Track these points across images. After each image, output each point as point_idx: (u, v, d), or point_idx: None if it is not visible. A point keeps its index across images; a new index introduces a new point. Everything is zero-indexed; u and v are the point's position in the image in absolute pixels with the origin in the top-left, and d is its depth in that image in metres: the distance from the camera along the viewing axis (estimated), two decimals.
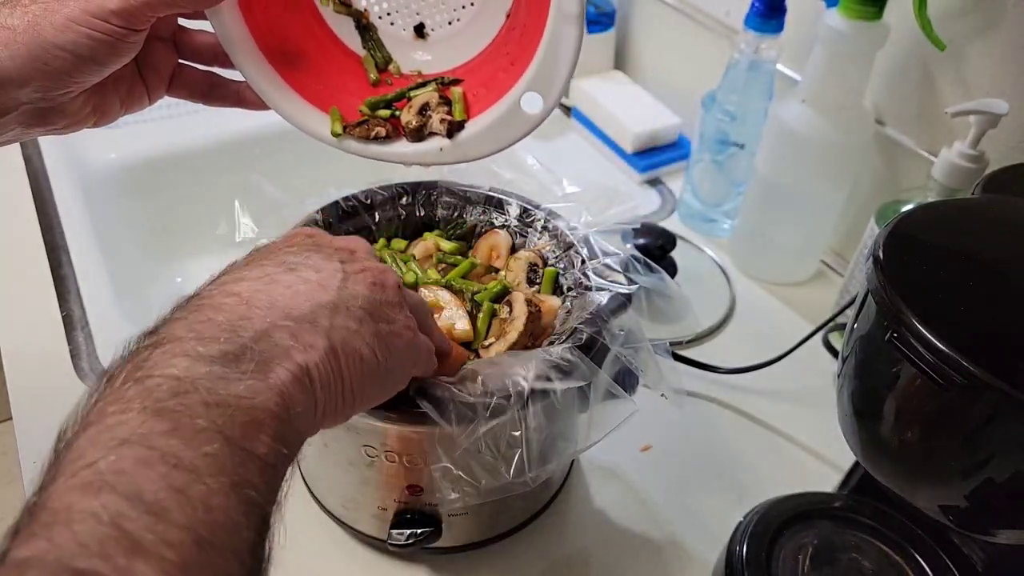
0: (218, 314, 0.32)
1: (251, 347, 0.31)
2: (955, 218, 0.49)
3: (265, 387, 0.30)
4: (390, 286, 0.39)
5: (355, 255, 0.39)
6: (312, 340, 0.33)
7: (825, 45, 0.69)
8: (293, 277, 0.35)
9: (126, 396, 0.28)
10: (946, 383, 0.39)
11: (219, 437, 0.27)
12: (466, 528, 0.55)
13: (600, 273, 0.54)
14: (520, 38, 0.51)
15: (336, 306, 0.35)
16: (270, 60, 0.53)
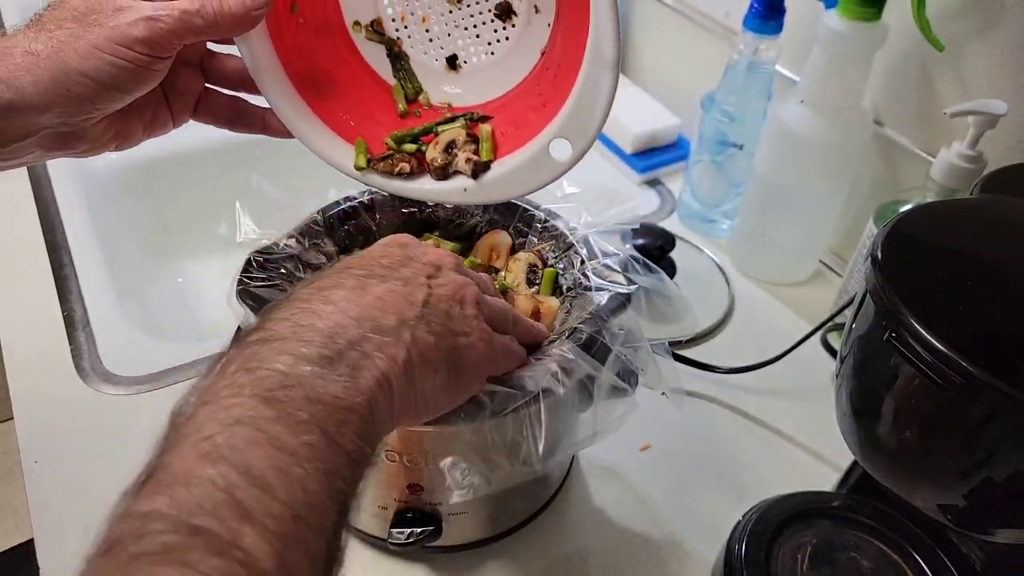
0: (319, 320, 0.35)
1: (345, 353, 0.34)
2: (954, 218, 0.49)
3: (355, 390, 0.33)
4: (469, 301, 0.42)
5: (441, 270, 0.42)
6: (395, 352, 0.36)
7: (824, 46, 0.69)
8: (383, 290, 0.38)
9: (238, 382, 0.31)
10: (944, 383, 0.39)
11: (316, 429, 0.31)
12: (466, 527, 0.56)
13: (599, 273, 0.54)
14: (553, 79, 0.50)
15: (418, 321, 0.38)
16: (297, 86, 0.52)
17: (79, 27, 0.42)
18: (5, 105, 0.42)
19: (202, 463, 0.28)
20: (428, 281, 0.40)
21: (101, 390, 0.67)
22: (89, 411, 0.65)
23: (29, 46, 0.42)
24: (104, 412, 0.65)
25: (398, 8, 0.53)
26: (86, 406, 0.65)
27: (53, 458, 0.61)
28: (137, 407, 0.65)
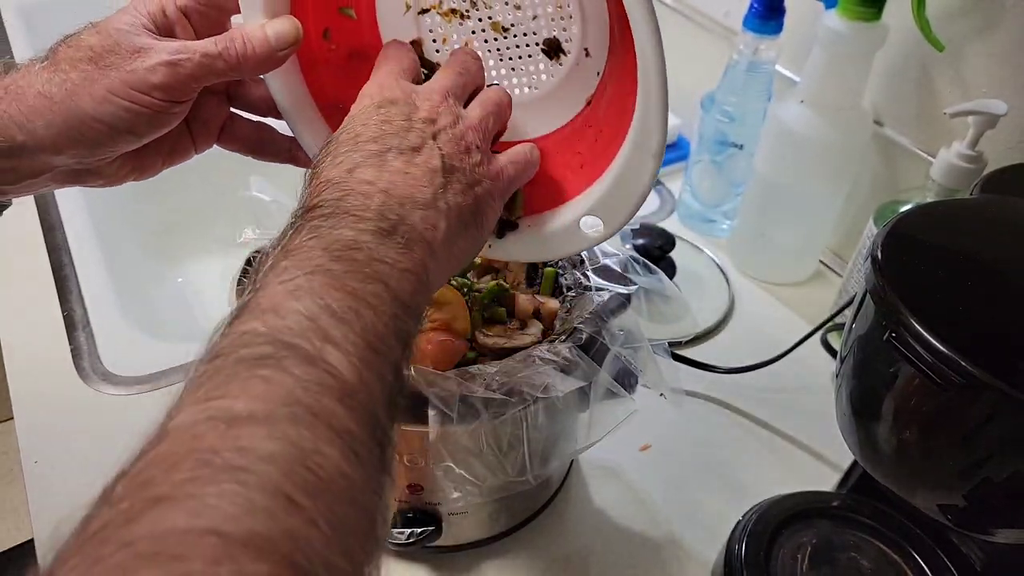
0: (366, 199, 0.37)
1: (397, 228, 0.37)
2: (953, 218, 0.49)
3: (410, 257, 0.37)
4: (473, 147, 0.43)
5: (437, 122, 0.42)
6: (436, 222, 0.39)
7: (824, 46, 0.69)
8: (403, 163, 0.40)
9: (308, 244, 0.35)
10: (944, 383, 0.39)
11: (381, 283, 0.34)
12: (466, 527, 0.56)
13: (599, 273, 0.54)
14: (594, 142, 0.49)
15: (445, 186, 0.40)
16: (326, 115, 0.50)
17: (95, 69, 0.41)
18: (18, 147, 0.42)
19: (288, 298, 0.32)
20: (435, 143, 0.41)
21: (101, 390, 0.67)
22: (89, 411, 0.65)
23: (43, 87, 0.41)
24: (104, 412, 0.65)
25: (440, 31, 0.50)
26: (86, 406, 0.65)
27: (53, 458, 0.61)
28: (137, 407, 0.65)
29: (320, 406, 0.28)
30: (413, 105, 0.43)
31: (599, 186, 0.46)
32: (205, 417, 0.27)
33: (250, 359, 0.29)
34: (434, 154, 0.41)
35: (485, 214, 0.43)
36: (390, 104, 0.42)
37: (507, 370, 0.46)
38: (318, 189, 0.38)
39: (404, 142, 0.41)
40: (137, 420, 0.30)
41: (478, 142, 0.43)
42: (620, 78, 0.46)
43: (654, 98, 0.41)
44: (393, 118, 0.42)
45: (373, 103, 0.43)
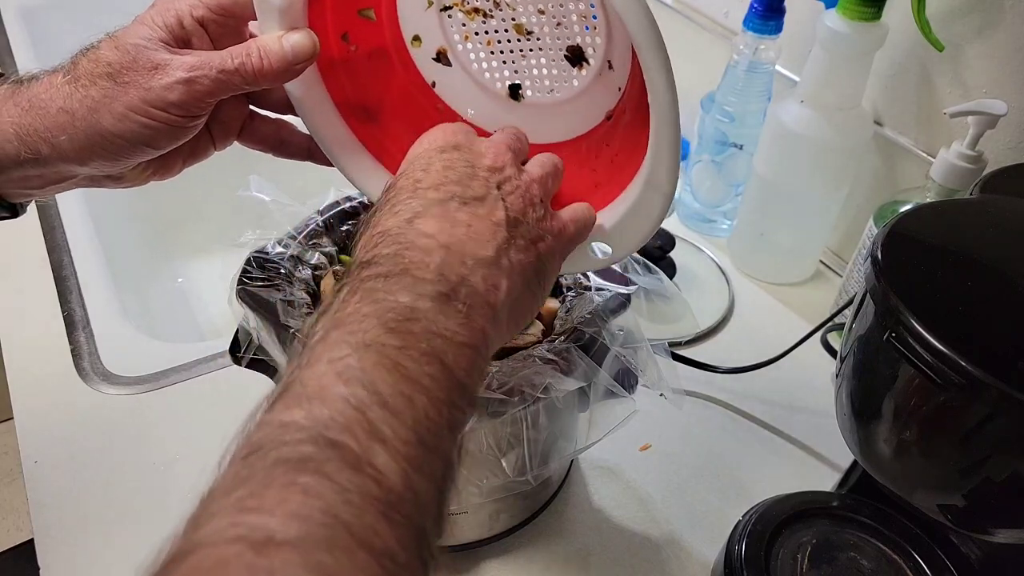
0: (426, 255, 0.35)
1: (458, 290, 0.35)
2: (953, 218, 0.49)
3: (470, 327, 0.34)
4: (537, 201, 0.41)
5: (503, 172, 0.41)
6: (498, 281, 0.37)
7: (824, 46, 0.69)
8: (467, 215, 0.38)
9: (362, 312, 0.33)
10: (944, 383, 0.39)
11: (437, 361, 0.32)
12: (466, 527, 0.56)
13: (599, 273, 0.54)
14: (610, 163, 0.49)
15: (508, 241, 0.38)
16: (345, 116, 0.50)
17: (114, 86, 0.42)
18: (44, 158, 0.43)
19: (336, 381, 0.29)
20: (500, 193, 0.40)
21: (101, 390, 0.67)
22: (89, 411, 0.65)
23: (64, 103, 0.42)
24: (104, 412, 0.65)
25: (463, 28, 0.49)
26: (86, 406, 0.65)
27: (53, 458, 0.61)
28: (137, 407, 0.65)
29: (361, 524, 0.26)
30: (477, 152, 0.41)
31: (610, 214, 0.47)
32: (234, 536, 0.25)
33: (290, 461, 0.27)
34: (499, 205, 0.39)
35: (547, 272, 0.41)
36: (453, 149, 0.41)
37: (507, 370, 0.46)
38: (374, 241, 0.36)
39: (468, 191, 0.39)
40: (137, 420, 0.30)
41: (541, 196, 0.42)
42: (639, 106, 0.45)
43: (665, 143, 0.42)
44: (456, 164, 0.40)
45: (435, 147, 0.42)
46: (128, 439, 0.63)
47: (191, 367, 0.69)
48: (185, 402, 0.66)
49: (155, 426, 0.64)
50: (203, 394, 0.67)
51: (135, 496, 0.60)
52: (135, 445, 0.63)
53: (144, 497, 0.60)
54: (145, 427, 0.64)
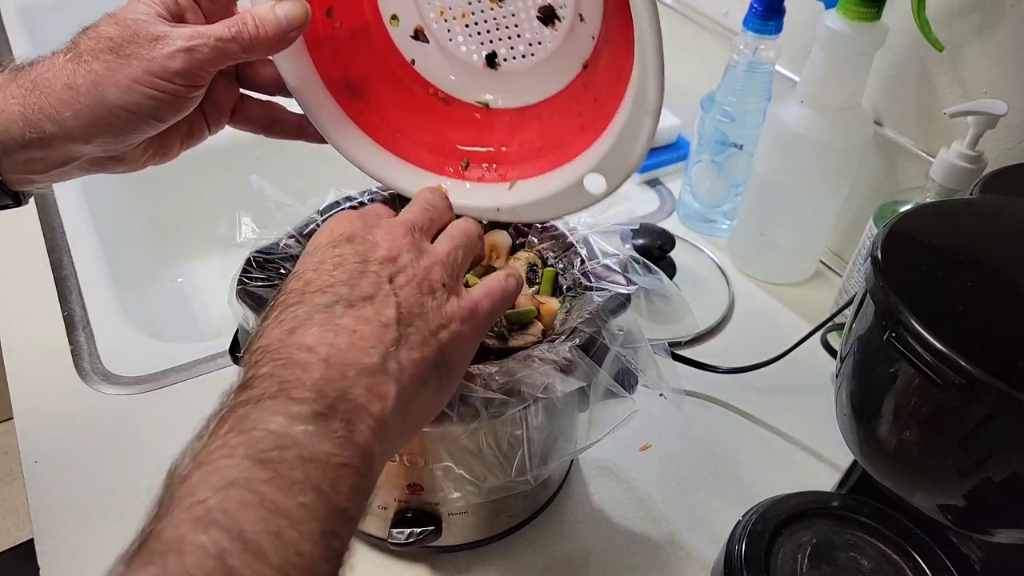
0: (303, 372, 0.34)
1: (337, 407, 0.33)
2: (953, 218, 0.49)
3: (350, 444, 0.33)
4: (437, 287, 0.40)
5: (398, 261, 0.40)
6: (385, 389, 0.35)
7: (824, 46, 0.69)
8: (351, 319, 0.37)
9: (231, 443, 0.31)
10: (944, 383, 0.39)
11: (311, 489, 0.30)
12: (466, 527, 0.56)
13: (599, 274, 0.54)
14: (593, 103, 0.50)
15: (399, 341, 0.37)
16: (333, 92, 0.52)
17: (116, 59, 0.42)
18: (49, 137, 0.43)
19: (194, 529, 0.28)
20: (392, 287, 0.38)
21: (101, 390, 0.67)
22: (89, 411, 0.65)
23: (68, 79, 0.42)
24: (104, 412, 0.65)
25: (436, 4, 0.51)
26: (86, 406, 0.65)
27: (53, 458, 0.61)
28: (137, 407, 0.65)
29: None
30: (371, 243, 0.40)
31: (599, 145, 0.47)
32: None
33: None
34: (388, 303, 0.38)
35: (451, 363, 0.39)
36: (346, 242, 0.40)
37: (507, 370, 0.46)
38: (254, 358, 0.35)
39: (355, 291, 0.38)
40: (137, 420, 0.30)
41: (444, 279, 0.40)
42: (616, 41, 0.47)
43: (651, 59, 0.42)
44: (347, 260, 0.39)
45: (329, 240, 0.41)
46: (128, 439, 0.63)
47: (191, 367, 0.69)
48: (185, 402, 0.66)
49: (155, 426, 0.64)
50: (203, 394, 0.67)
51: (135, 496, 0.59)
52: (135, 445, 0.63)
53: (144, 497, 0.59)
54: (145, 427, 0.64)
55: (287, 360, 0.34)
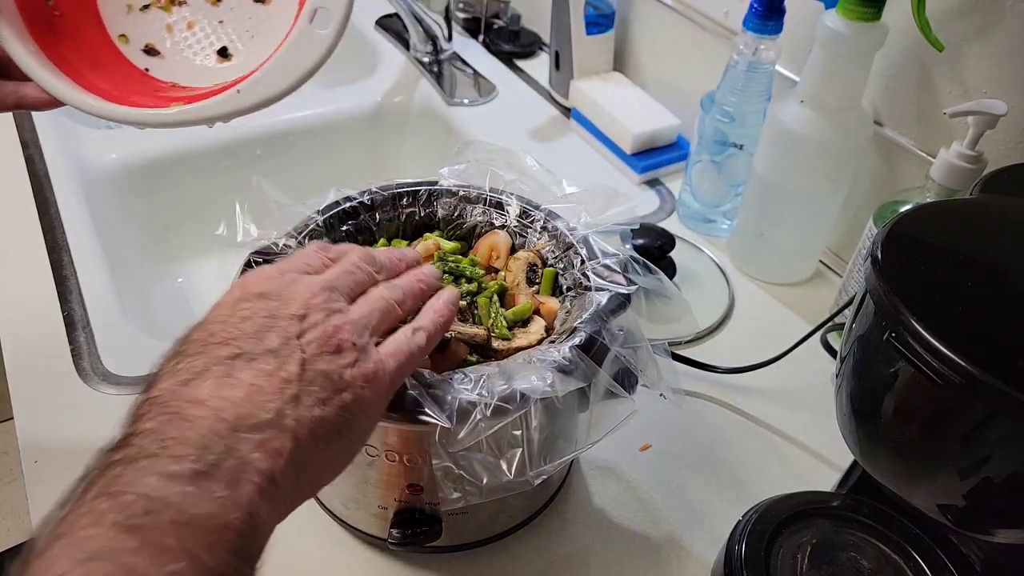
0: (189, 429, 0.32)
1: (221, 465, 0.31)
2: (953, 218, 0.49)
3: (232, 505, 0.31)
4: (346, 345, 0.39)
5: (307, 318, 0.39)
6: (278, 445, 0.34)
7: (824, 46, 0.69)
8: (251, 372, 0.35)
9: (98, 509, 0.29)
10: (944, 382, 0.39)
11: (185, 555, 0.28)
12: (466, 527, 0.56)
13: (599, 273, 0.54)
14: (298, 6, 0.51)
15: (298, 396, 0.36)
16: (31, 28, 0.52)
17: None
18: None
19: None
20: (299, 342, 0.37)
21: (101, 390, 0.67)
22: (89, 411, 0.65)
23: None
24: (104, 412, 0.65)
25: (163, 21, 0.54)
26: (86, 406, 0.65)
27: (53, 458, 0.61)
28: None
29: None
30: (284, 299, 0.39)
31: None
32: None
33: None
34: (293, 357, 0.36)
35: (354, 424, 0.38)
36: (258, 298, 0.39)
37: (507, 370, 0.47)
38: (140, 412, 0.34)
39: (260, 345, 0.36)
40: None
41: (354, 339, 0.39)
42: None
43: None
44: (256, 314, 0.38)
45: (242, 294, 0.40)
46: None
47: None
48: None
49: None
50: None
51: None
52: None
53: None
54: None
55: (174, 415, 0.33)
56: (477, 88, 1.11)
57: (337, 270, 0.43)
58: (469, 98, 1.09)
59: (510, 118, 1.07)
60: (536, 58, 1.21)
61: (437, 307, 0.47)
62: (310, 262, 0.44)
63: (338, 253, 0.46)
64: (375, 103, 1.08)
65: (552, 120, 1.08)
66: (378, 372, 0.40)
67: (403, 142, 1.11)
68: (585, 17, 1.00)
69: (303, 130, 1.02)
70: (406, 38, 1.15)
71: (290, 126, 1.01)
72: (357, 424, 0.39)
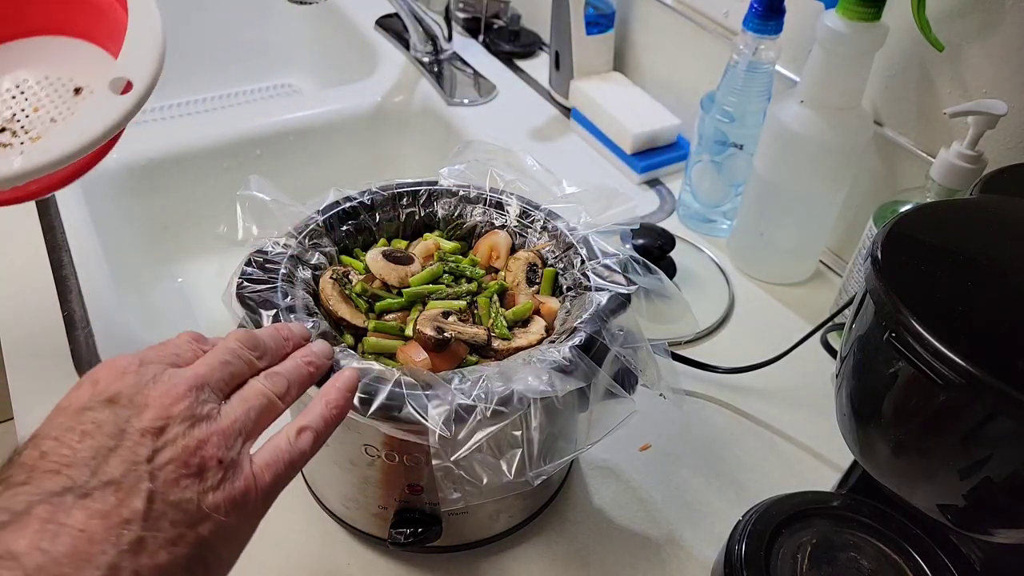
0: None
1: None
2: (953, 219, 0.49)
3: None
4: (209, 463, 0.33)
5: (164, 432, 0.33)
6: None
7: (824, 46, 0.69)
8: (83, 513, 0.29)
9: None
10: (944, 383, 0.39)
11: None
12: (466, 527, 0.56)
13: (599, 273, 0.54)
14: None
15: (142, 541, 0.30)
16: None
17: None
18: None
19: None
20: (149, 468, 0.31)
21: None
22: None
23: None
24: None
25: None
26: None
27: None
28: None
29: None
30: (137, 406, 0.33)
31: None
32: None
33: None
34: (138, 491, 0.31)
35: (211, 559, 0.33)
36: (104, 406, 0.33)
37: (507, 370, 0.47)
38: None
39: (98, 474, 0.30)
40: None
41: (220, 454, 0.33)
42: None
43: None
44: (101, 429, 0.32)
45: (89, 397, 0.33)
46: None
47: None
48: None
49: None
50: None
51: None
52: None
53: None
54: None
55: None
56: (477, 88, 1.11)
57: (210, 360, 0.37)
58: (469, 98, 1.09)
59: (510, 118, 1.07)
60: (536, 58, 1.21)
61: (330, 398, 0.41)
62: (180, 353, 0.38)
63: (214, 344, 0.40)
64: (375, 103, 1.08)
65: (552, 120, 1.08)
66: (248, 492, 0.34)
67: (403, 142, 1.11)
68: (585, 17, 1.00)
69: (303, 130, 1.02)
70: (406, 38, 1.15)
71: (290, 126, 1.01)
72: (216, 557, 0.33)
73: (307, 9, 1.27)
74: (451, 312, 0.53)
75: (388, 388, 0.44)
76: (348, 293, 0.54)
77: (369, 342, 0.52)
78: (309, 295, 0.53)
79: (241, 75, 1.37)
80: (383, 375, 0.45)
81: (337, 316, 0.53)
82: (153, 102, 1.26)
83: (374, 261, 0.56)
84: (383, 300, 0.54)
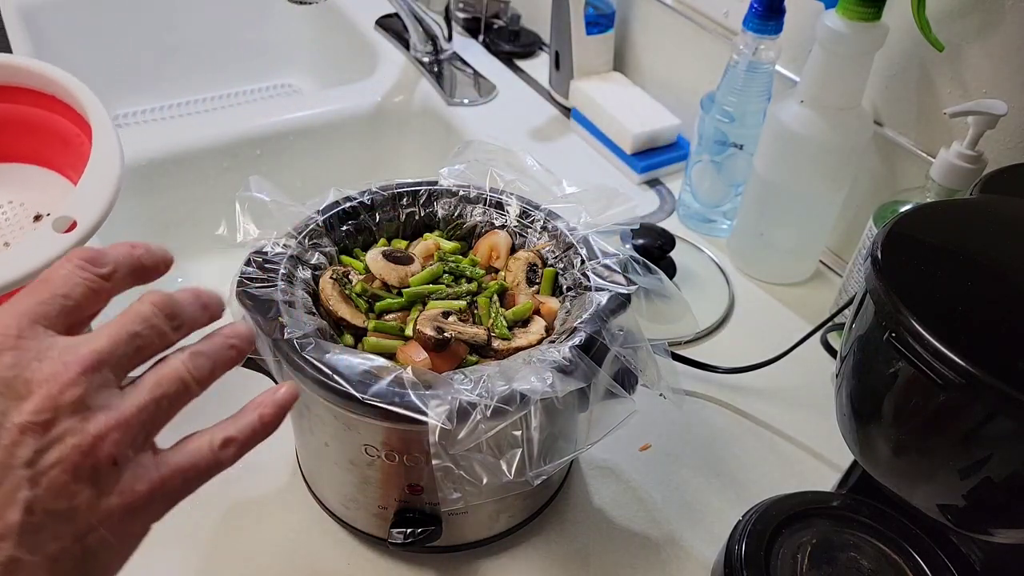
0: None
1: None
2: (953, 219, 0.49)
3: None
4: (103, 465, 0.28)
5: (51, 428, 0.27)
6: None
7: (824, 46, 0.69)
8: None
9: None
10: (944, 383, 0.39)
11: None
12: (466, 527, 0.56)
13: (599, 273, 0.54)
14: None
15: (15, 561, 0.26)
16: None
17: None
18: None
19: None
20: (30, 472, 0.26)
21: None
22: None
23: None
24: None
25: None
26: None
27: None
28: None
29: None
30: (18, 395, 0.27)
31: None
32: None
33: None
34: (14, 500, 0.26)
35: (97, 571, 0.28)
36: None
37: (507, 370, 0.47)
38: None
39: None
40: None
41: (118, 452, 0.28)
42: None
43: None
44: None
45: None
46: None
47: None
48: None
49: None
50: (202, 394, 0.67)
51: None
52: None
53: None
54: None
55: None
56: (477, 88, 1.11)
57: (114, 330, 0.30)
58: (469, 98, 1.09)
59: (510, 118, 1.07)
60: (536, 58, 1.21)
61: (265, 412, 0.34)
62: (69, 293, 0.30)
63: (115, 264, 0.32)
64: (375, 103, 1.08)
65: (552, 120, 1.08)
66: (151, 498, 0.29)
67: (403, 142, 1.11)
68: (585, 17, 1.00)
69: (303, 130, 1.02)
70: (406, 38, 1.15)
71: (290, 126, 1.01)
72: (104, 570, 0.29)
73: (307, 9, 1.26)
74: (451, 312, 0.53)
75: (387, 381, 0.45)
76: (348, 293, 0.54)
77: (369, 342, 0.52)
78: (309, 295, 0.54)
79: (241, 75, 1.37)
80: (385, 369, 0.46)
81: (337, 316, 0.53)
82: (153, 102, 1.26)
83: (374, 261, 0.56)
84: (383, 300, 0.54)
